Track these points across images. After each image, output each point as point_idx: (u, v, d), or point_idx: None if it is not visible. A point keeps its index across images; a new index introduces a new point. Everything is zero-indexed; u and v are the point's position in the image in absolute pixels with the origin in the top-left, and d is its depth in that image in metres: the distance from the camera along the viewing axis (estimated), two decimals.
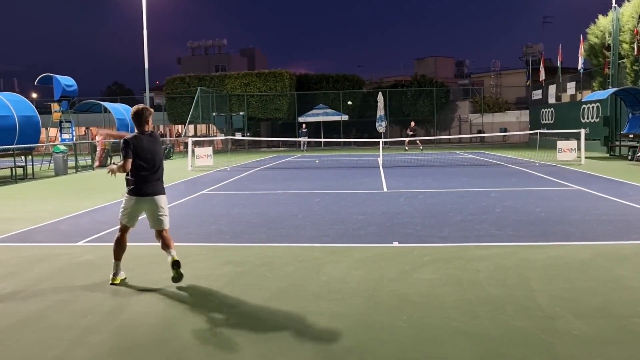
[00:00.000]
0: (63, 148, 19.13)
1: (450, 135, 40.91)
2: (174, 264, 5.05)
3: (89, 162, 22.05)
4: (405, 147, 30.88)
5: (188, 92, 39.00)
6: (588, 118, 25.03)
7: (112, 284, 5.15)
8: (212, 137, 36.59)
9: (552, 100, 33.97)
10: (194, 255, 6.26)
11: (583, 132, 19.71)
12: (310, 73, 46.16)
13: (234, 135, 34.37)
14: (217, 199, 11.29)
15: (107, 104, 25.85)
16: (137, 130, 5.24)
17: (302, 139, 32.02)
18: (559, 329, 3.88)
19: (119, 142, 5.48)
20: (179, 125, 43.71)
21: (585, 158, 18.89)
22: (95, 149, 22.79)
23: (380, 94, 37.59)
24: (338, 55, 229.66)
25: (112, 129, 21.27)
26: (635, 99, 21.61)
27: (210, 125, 40.83)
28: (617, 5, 27.60)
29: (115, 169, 5.19)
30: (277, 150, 36.26)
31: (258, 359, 3.51)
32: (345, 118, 39.68)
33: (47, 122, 23.68)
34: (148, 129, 5.29)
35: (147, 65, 30.85)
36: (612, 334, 3.78)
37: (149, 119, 5.28)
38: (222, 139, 34.76)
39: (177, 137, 43.06)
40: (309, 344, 3.71)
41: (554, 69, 36.96)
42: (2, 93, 18.87)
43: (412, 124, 31.16)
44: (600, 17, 31.32)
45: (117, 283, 5.17)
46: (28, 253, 6.62)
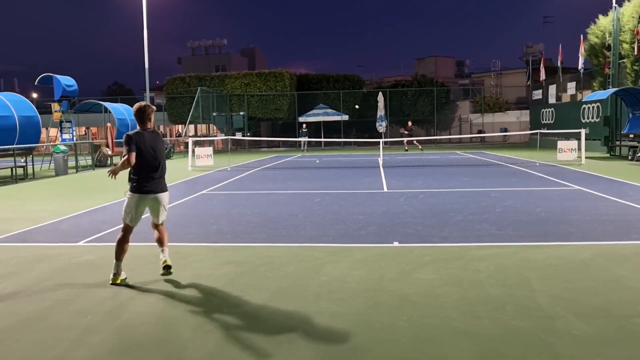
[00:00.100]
0: (63, 148, 19.13)
1: (451, 135, 40.91)
2: (165, 268, 5.28)
3: (89, 162, 22.05)
4: (405, 147, 30.87)
5: (188, 92, 39.02)
6: (588, 118, 25.03)
7: (112, 284, 5.16)
8: (212, 137, 36.60)
9: (552, 100, 33.97)
10: (195, 255, 6.27)
11: (583, 132, 19.70)
12: (311, 73, 46.19)
13: (234, 135, 34.36)
14: (217, 199, 11.29)
15: (107, 104, 25.88)
16: (139, 127, 5.27)
17: (302, 139, 32.01)
18: (559, 329, 3.88)
19: (120, 142, 5.50)
20: (179, 125, 43.74)
21: (586, 158, 18.89)
22: (96, 149, 22.80)
23: (381, 94, 37.59)
24: (338, 55, 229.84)
25: (113, 129, 21.20)
26: (636, 99, 21.60)
27: (211, 125, 40.84)
28: (617, 5, 27.60)
29: (118, 169, 5.20)
30: (277, 150, 36.28)
31: (258, 359, 3.51)
32: (346, 118, 39.69)
33: (47, 122, 23.70)
34: (150, 126, 5.31)
35: (147, 65, 30.86)
36: (612, 334, 3.78)
37: (151, 116, 5.31)
38: (222, 139, 34.77)
39: (177, 137, 43.07)
40: (309, 344, 3.71)
41: (554, 69, 36.96)
42: (2, 93, 18.89)
43: (409, 124, 31.15)
44: (601, 17, 31.32)
45: (117, 283, 5.18)
46: (28, 253, 6.62)
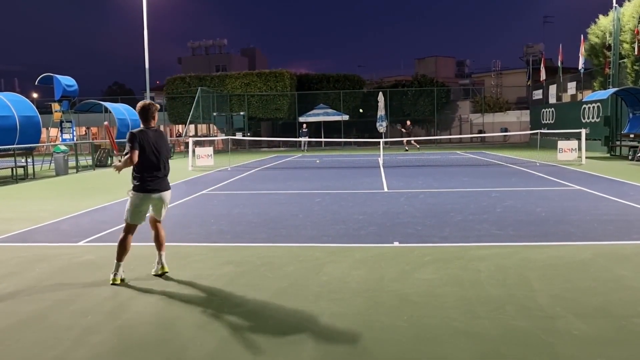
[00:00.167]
0: (64, 148, 19.13)
1: (451, 135, 40.90)
2: (162, 274, 5.37)
3: (90, 162, 22.05)
4: (405, 147, 30.86)
5: (189, 92, 39.02)
6: (589, 118, 25.02)
7: (112, 284, 5.16)
8: (212, 137, 36.61)
9: (552, 100, 33.97)
10: (195, 255, 6.27)
11: (584, 132, 19.69)
12: (311, 73, 46.19)
13: (235, 135, 34.37)
14: (217, 199, 11.29)
15: (107, 104, 25.87)
16: (143, 125, 5.26)
17: (302, 139, 32.00)
18: (560, 329, 3.88)
19: (121, 142, 5.50)
20: (180, 125, 43.74)
21: (586, 158, 18.88)
22: (97, 149, 22.79)
23: (381, 94, 37.58)
24: (338, 55, 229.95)
25: (113, 129, 21.21)
26: (636, 99, 21.60)
27: (211, 125, 40.85)
28: (617, 5, 27.59)
29: (121, 165, 5.20)
30: (277, 150, 36.28)
31: (258, 359, 3.51)
32: (346, 118, 39.69)
33: (47, 122, 23.70)
34: (154, 125, 5.30)
35: (147, 65, 30.85)
36: (612, 334, 3.78)
37: (155, 115, 5.31)
38: (222, 139, 34.78)
39: (177, 137, 43.09)
40: (310, 344, 3.71)
41: (555, 69, 36.95)
42: (2, 93, 18.89)
43: (407, 123, 31.06)
44: (601, 17, 31.30)
45: (117, 283, 5.18)
46: (28, 253, 6.62)
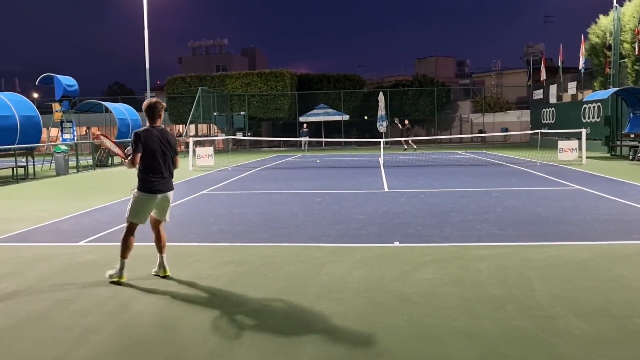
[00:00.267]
0: (64, 148, 19.14)
1: (451, 135, 40.89)
2: (164, 277, 5.35)
3: (90, 162, 22.05)
4: (405, 146, 30.87)
5: (189, 92, 39.04)
6: (589, 118, 25.02)
7: (114, 282, 5.15)
8: (213, 136, 36.62)
9: (553, 100, 33.96)
10: (195, 255, 6.27)
11: (584, 131, 19.68)
12: (311, 73, 46.20)
13: (235, 135, 34.38)
14: (218, 199, 11.29)
15: (108, 104, 25.86)
16: (148, 124, 5.25)
17: (303, 139, 32.00)
18: (560, 329, 3.88)
19: (121, 142, 5.50)
20: (180, 125, 43.73)
21: (586, 158, 18.87)
22: (97, 149, 22.80)
23: (381, 94, 37.58)
24: (339, 55, 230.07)
25: (114, 129, 21.19)
26: (637, 99, 21.58)
27: (211, 125, 40.85)
28: (618, 5, 27.57)
29: (128, 164, 5.21)
30: (278, 150, 36.28)
31: (259, 359, 3.51)
32: (346, 118, 39.69)
33: (48, 122, 23.69)
34: (160, 123, 5.29)
35: (148, 65, 30.84)
36: (612, 334, 3.78)
37: (162, 113, 5.29)
38: (223, 139, 34.79)
39: (178, 137, 43.08)
40: (310, 344, 3.72)
41: (555, 69, 36.93)
42: (3, 93, 18.88)
43: (406, 122, 31.02)
44: (601, 16, 31.29)
45: (122, 281, 5.16)
46: (29, 253, 6.62)
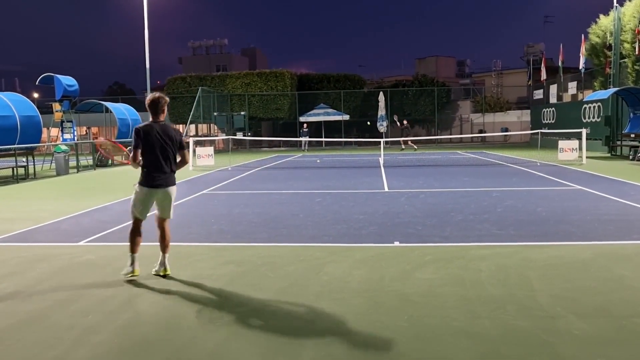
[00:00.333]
0: (64, 148, 19.13)
1: (452, 135, 40.90)
2: (164, 276, 5.34)
3: (90, 162, 22.06)
4: (402, 146, 30.90)
5: (189, 91, 39.04)
6: (589, 118, 25.01)
7: (130, 279, 5.18)
8: (213, 136, 36.63)
9: (553, 100, 33.96)
10: (196, 255, 6.27)
11: (584, 131, 19.67)
12: (312, 73, 46.23)
13: (235, 135, 34.38)
14: (218, 199, 11.29)
15: (108, 104, 25.87)
16: (151, 119, 5.27)
17: (303, 139, 32.00)
18: (560, 329, 3.88)
19: (121, 142, 5.51)
20: (180, 125, 43.69)
21: (587, 158, 18.86)
22: (97, 149, 22.82)
23: (382, 94, 37.59)
24: (339, 55, 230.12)
25: (114, 129, 21.18)
26: (637, 99, 21.57)
27: (212, 125, 40.86)
28: (618, 5, 27.57)
29: (132, 163, 5.24)
30: (278, 150, 36.28)
31: (259, 359, 3.51)
32: (347, 118, 39.68)
33: (48, 121, 23.69)
34: (163, 119, 5.29)
35: (148, 65, 30.86)
36: (612, 334, 3.77)
37: (165, 108, 5.29)
38: (223, 139, 34.79)
39: None
40: (310, 344, 3.72)
41: (555, 69, 36.93)
42: (3, 93, 18.88)
43: (404, 122, 30.99)
44: (602, 16, 31.29)
45: (135, 275, 5.20)
46: (29, 253, 6.62)
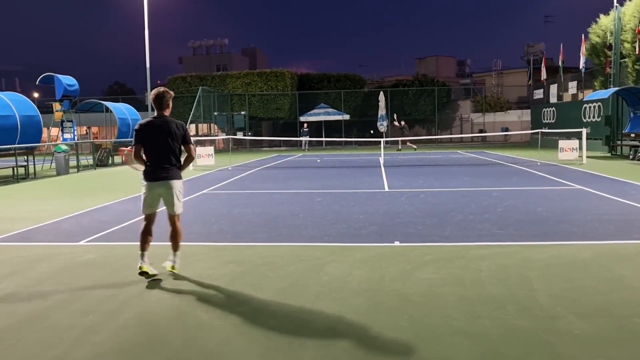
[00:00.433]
0: (65, 147, 19.14)
1: (452, 135, 40.91)
2: (171, 272, 5.36)
3: (90, 161, 22.07)
4: (399, 146, 30.92)
5: (189, 91, 39.03)
6: (589, 117, 25.01)
7: (140, 274, 5.18)
8: (213, 136, 36.63)
9: (553, 100, 33.95)
10: (196, 255, 6.28)
11: (584, 131, 19.67)
12: (312, 72, 46.23)
13: (236, 135, 34.38)
14: (218, 199, 11.29)
15: (108, 104, 25.86)
16: (156, 113, 5.29)
17: (303, 139, 32.00)
18: (560, 329, 3.87)
19: (122, 142, 5.54)
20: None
21: (587, 157, 18.87)
22: (97, 149, 22.85)
23: (382, 94, 37.59)
24: (339, 55, 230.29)
25: (114, 128, 21.20)
26: (637, 98, 21.57)
27: (212, 125, 40.86)
28: (618, 5, 27.56)
29: (127, 159, 5.24)
30: (278, 150, 36.27)
31: (259, 359, 3.51)
32: (347, 117, 39.68)
33: (48, 121, 23.69)
34: (167, 114, 5.29)
35: (148, 65, 30.84)
36: (613, 334, 3.77)
37: (170, 103, 5.29)
38: (223, 139, 34.79)
39: None
40: (310, 344, 3.72)
41: (556, 69, 36.93)
42: (3, 92, 18.89)
43: (402, 122, 31.01)
44: (602, 16, 31.28)
45: (144, 271, 5.18)
46: (29, 252, 6.62)
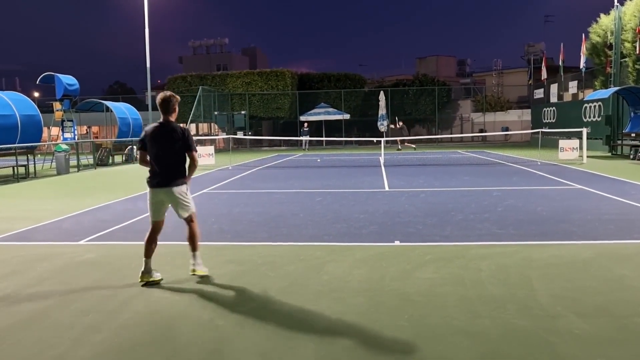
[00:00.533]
0: (65, 147, 19.15)
1: (452, 134, 40.90)
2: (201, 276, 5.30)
3: (91, 161, 22.08)
4: (399, 146, 30.91)
5: (190, 91, 39.02)
6: (590, 117, 25.01)
7: (141, 283, 5.07)
8: (213, 136, 36.64)
9: (554, 99, 33.96)
10: None
11: (585, 131, 19.68)
12: (312, 72, 46.27)
13: (236, 134, 34.38)
14: (218, 198, 11.29)
15: (109, 103, 25.88)
16: (162, 118, 5.26)
17: (303, 138, 32.01)
18: (560, 329, 3.87)
19: (122, 141, 5.53)
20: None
21: (587, 157, 18.87)
22: (98, 148, 22.86)
23: (382, 93, 37.57)
24: (340, 55, 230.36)
25: (114, 128, 21.23)
26: (637, 98, 21.56)
27: (212, 124, 40.86)
28: (619, 4, 27.55)
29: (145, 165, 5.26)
30: (278, 149, 36.27)
31: (259, 358, 3.51)
32: (347, 117, 39.68)
33: (49, 121, 23.70)
34: (174, 118, 5.26)
35: (148, 64, 30.80)
36: (613, 334, 3.77)
37: (176, 107, 5.26)
38: (223, 138, 34.79)
39: None
40: (310, 343, 3.72)
41: (556, 68, 36.92)
42: (4, 92, 18.89)
43: (400, 123, 30.98)
44: (602, 15, 31.27)
45: (148, 281, 5.06)
46: (29, 252, 6.62)
